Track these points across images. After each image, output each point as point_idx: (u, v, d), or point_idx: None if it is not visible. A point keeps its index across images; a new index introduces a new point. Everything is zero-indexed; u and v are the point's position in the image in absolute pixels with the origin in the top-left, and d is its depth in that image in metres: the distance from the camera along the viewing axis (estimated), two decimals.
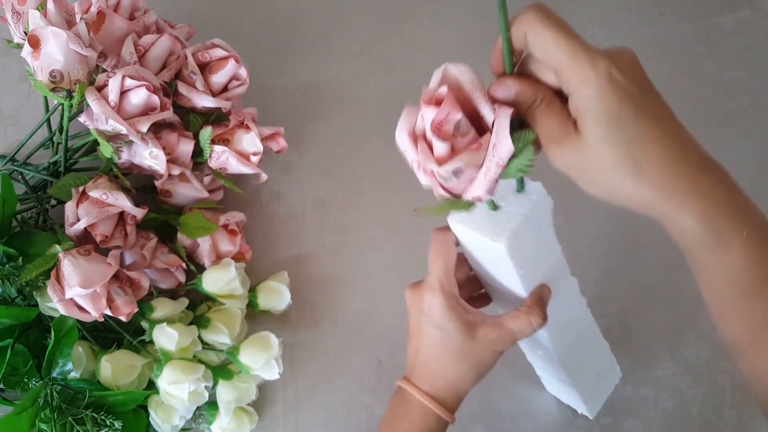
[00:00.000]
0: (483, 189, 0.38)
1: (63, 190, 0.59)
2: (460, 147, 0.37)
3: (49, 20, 0.54)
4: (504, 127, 0.36)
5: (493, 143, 0.37)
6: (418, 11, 0.81)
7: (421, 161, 0.38)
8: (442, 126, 0.37)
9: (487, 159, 0.37)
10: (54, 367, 0.56)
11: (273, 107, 0.75)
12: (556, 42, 0.35)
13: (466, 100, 0.38)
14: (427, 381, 0.46)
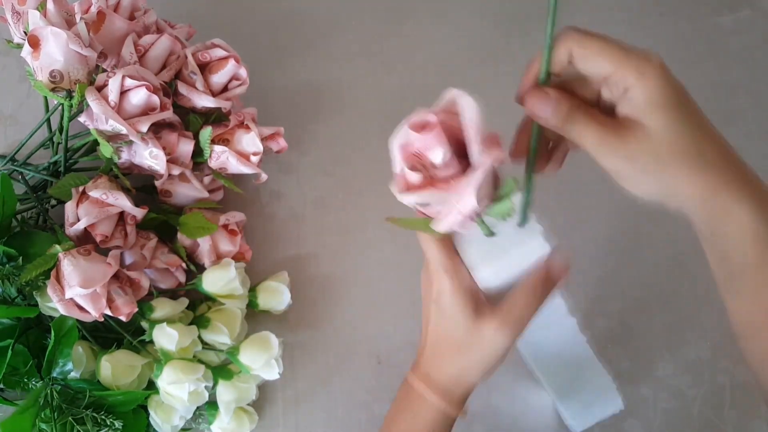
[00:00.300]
0: (445, 227, 0.38)
1: (63, 190, 0.59)
2: (437, 178, 0.37)
3: (49, 20, 0.54)
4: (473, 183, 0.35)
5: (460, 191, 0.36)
6: (418, 11, 0.81)
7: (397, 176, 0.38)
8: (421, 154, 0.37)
9: (451, 203, 0.36)
10: (54, 367, 0.56)
11: (273, 107, 0.75)
12: (604, 48, 0.36)
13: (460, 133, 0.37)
14: (431, 373, 0.45)
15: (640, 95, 0.35)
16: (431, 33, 0.80)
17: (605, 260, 0.68)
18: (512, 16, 0.80)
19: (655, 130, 0.35)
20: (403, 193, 0.37)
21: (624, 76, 0.35)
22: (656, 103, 0.35)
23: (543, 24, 0.39)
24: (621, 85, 0.36)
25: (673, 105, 0.35)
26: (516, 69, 0.77)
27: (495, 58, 0.78)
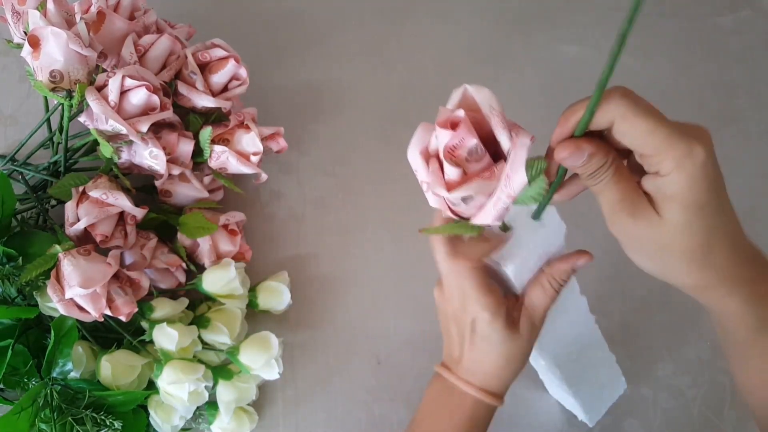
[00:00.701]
0: (492, 217, 0.38)
1: (63, 190, 0.59)
2: (473, 172, 0.37)
3: (49, 20, 0.54)
4: (520, 159, 0.36)
5: (506, 173, 0.36)
6: (418, 11, 0.81)
7: (431, 184, 0.37)
8: (456, 150, 0.36)
9: (499, 189, 0.37)
10: (54, 367, 0.56)
11: (273, 107, 0.75)
12: (650, 130, 0.35)
13: (482, 124, 0.37)
14: (478, 378, 0.46)
15: (669, 185, 0.35)
16: (431, 33, 0.80)
17: (605, 260, 0.68)
18: (513, 16, 0.80)
19: (669, 223, 0.36)
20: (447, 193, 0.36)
21: (660, 161, 0.35)
22: (682, 199, 0.35)
23: (543, 24, 0.39)
24: (655, 167, 0.36)
25: (697, 206, 0.35)
26: (516, 69, 0.78)
27: (495, 58, 0.78)
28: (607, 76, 0.35)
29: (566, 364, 0.53)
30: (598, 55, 0.78)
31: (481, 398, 0.46)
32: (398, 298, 0.68)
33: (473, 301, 0.44)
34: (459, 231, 0.41)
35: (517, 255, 0.43)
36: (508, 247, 0.43)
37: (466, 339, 0.46)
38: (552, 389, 0.62)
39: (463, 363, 0.47)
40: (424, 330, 0.67)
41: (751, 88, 0.77)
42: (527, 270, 0.45)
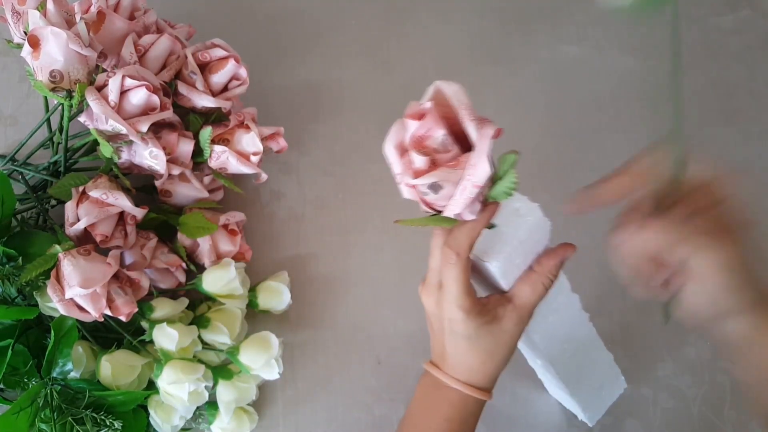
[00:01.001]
0: (460, 207, 0.39)
1: (63, 190, 0.59)
2: (441, 163, 0.38)
3: (49, 20, 0.54)
4: (483, 148, 0.37)
5: (471, 163, 0.37)
6: (418, 11, 0.81)
7: (401, 174, 0.39)
8: (423, 141, 0.38)
9: (464, 178, 0.38)
10: (54, 367, 0.56)
11: (273, 107, 0.75)
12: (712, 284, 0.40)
13: (455, 120, 0.38)
14: (463, 373, 0.47)
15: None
16: (431, 33, 0.80)
17: (605, 260, 0.68)
18: (513, 16, 0.80)
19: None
20: (414, 179, 0.37)
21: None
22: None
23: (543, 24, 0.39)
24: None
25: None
26: (516, 69, 0.78)
27: (495, 58, 0.78)
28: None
29: (562, 363, 0.53)
30: (598, 55, 0.78)
31: (468, 393, 0.46)
32: (398, 298, 0.68)
33: (450, 298, 0.44)
34: (434, 223, 0.42)
35: (501, 251, 0.43)
36: (491, 243, 0.44)
37: (445, 336, 0.46)
38: (551, 389, 0.62)
39: (446, 359, 0.47)
40: (424, 330, 0.67)
41: (751, 88, 0.77)
42: (513, 266, 0.45)
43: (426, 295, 0.47)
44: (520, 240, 0.43)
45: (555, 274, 0.46)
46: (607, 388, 0.61)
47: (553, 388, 0.61)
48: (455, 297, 0.44)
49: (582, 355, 0.56)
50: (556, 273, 0.46)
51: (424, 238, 0.70)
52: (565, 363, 0.54)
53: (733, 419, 0.63)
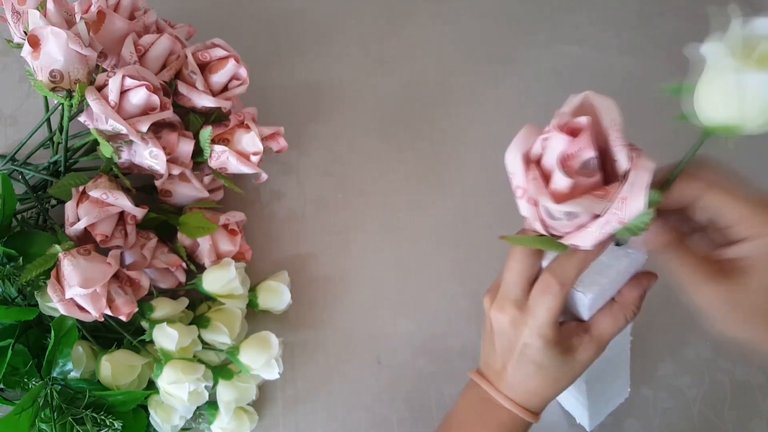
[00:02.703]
0: (592, 241, 0.35)
1: (63, 189, 0.59)
2: (583, 187, 0.34)
3: (49, 20, 0.54)
4: (642, 183, 0.33)
5: (622, 196, 0.33)
6: (417, 11, 0.81)
7: (531, 191, 0.34)
8: (570, 160, 0.33)
9: (610, 211, 0.34)
10: (54, 367, 0.56)
11: (273, 107, 0.75)
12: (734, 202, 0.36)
13: (599, 138, 0.34)
14: (520, 395, 0.45)
15: (756, 250, 0.36)
16: (431, 33, 0.80)
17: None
18: (512, 16, 0.80)
19: (759, 286, 0.37)
20: (554, 204, 0.33)
21: (746, 228, 0.36)
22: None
23: (543, 24, 0.38)
24: (738, 235, 0.37)
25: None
26: (516, 69, 0.78)
27: (495, 58, 0.78)
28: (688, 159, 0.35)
29: (592, 382, 0.53)
30: (598, 55, 0.78)
31: (521, 415, 0.45)
32: (398, 298, 0.68)
33: (535, 325, 0.42)
34: (544, 246, 0.38)
35: (597, 283, 0.41)
36: (588, 273, 0.41)
37: (513, 357, 0.44)
38: None
39: (505, 378, 0.45)
40: (424, 330, 0.67)
41: None
42: (602, 299, 0.43)
43: (498, 311, 0.44)
44: (618, 272, 0.41)
45: (638, 306, 0.44)
46: (615, 398, 0.61)
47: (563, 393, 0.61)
48: (541, 326, 0.42)
49: (611, 373, 0.55)
50: (639, 305, 0.44)
51: (424, 237, 0.71)
52: (595, 382, 0.53)
53: (733, 419, 0.63)
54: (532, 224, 0.37)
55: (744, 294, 0.37)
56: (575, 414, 0.62)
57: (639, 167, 0.33)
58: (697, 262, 0.38)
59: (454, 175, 0.73)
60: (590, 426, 0.61)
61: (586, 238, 0.35)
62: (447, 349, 0.66)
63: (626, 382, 0.60)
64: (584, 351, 0.43)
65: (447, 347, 0.66)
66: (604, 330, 0.44)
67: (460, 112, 0.76)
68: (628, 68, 0.77)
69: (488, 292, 0.46)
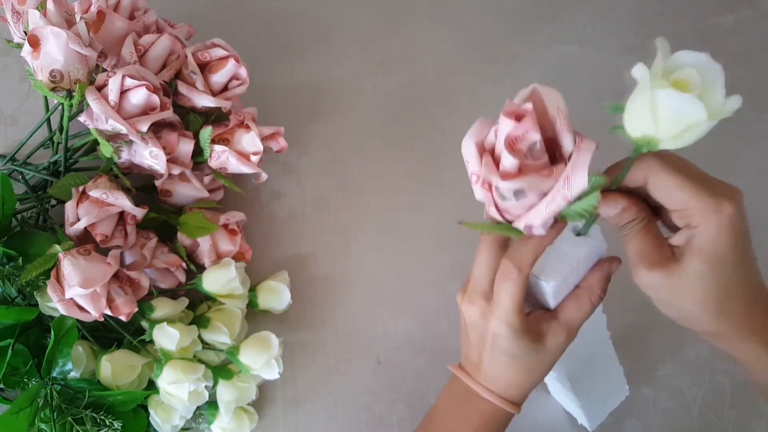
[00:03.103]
0: (540, 219, 0.37)
1: (63, 189, 0.59)
2: (529, 169, 0.36)
3: (49, 20, 0.54)
4: (584, 161, 0.35)
5: (566, 175, 0.36)
6: (418, 11, 0.81)
7: (483, 173, 0.37)
8: (517, 142, 0.36)
9: (555, 189, 0.36)
10: (54, 366, 0.56)
11: (273, 107, 0.75)
12: (680, 185, 0.37)
13: (546, 126, 0.37)
14: (498, 386, 0.46)
15: (695, 237, 0.37)
16: (431, 33, 0.80)
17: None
18: (512, 16, 0.80)
19: (687, 274, 0.38)
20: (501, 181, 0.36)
21: (691, 215, 0.37)
22: (703, 251, 0.37)
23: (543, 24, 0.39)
24: (685, 220, 0.38)
25: (717, 259, 0.37)
26: (516, 69, 0.78)
27: (495, 58, 0.78)
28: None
29: (578, 378, 0.53)
30: (598, 55, 0.78)
31: (501, 406, 0.45)
32: (398, 298, 0.68)
33: (500, 313, 0.42)
34: (500, 231, 0.39)
35: (559, 270, 0.42)
36: (547, 261, 0.42)
37: (486, 349, 0.45)
38: (555, 393, 0.62)
39: (482, 370, 0.46)
40: (424, 330, 0.67)
41: (751, 88, 0.77)
42: (566, 287, 0.44)
43: (468, 303, 0.45)
44: (579, 260, 0.42)
45: (603, 290, 0.44)
46: (612, 397, 0.61)
47: (558, 393, 0.61)
48: (506, 313, 0.42)
49: (598, 371, 0.55)
50: (604, 289, 0.44)
51: (424, 237, 0.71)
52: (581, 380, 0.53)
53: (733, 419, 0.63)
54: (488, 210, 0.39)
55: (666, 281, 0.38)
56: (575, 414, 0.62)
57: (581, 148, 0.36)
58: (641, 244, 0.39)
59: (454, 175, 0.73)
60: (591, 426, 0.61)
61: (535, 216, 0.37)
62: (447, 349, 0.66)
63: (621, 380, 0.60)
64: (553, 337, 0.44)
65: (447, 347, 0.66)
66: (570, 316, 0.44)
67: (460, 112, 0.76)
68: (628, 68, 0.77)
69: (461, 288, 0.47)
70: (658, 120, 0.34)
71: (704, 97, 0.33)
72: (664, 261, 0.38)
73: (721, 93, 0.34)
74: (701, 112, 0.32)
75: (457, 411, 0.48)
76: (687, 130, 0.33)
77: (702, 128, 0.33)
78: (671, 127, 0.34)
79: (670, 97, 0.33)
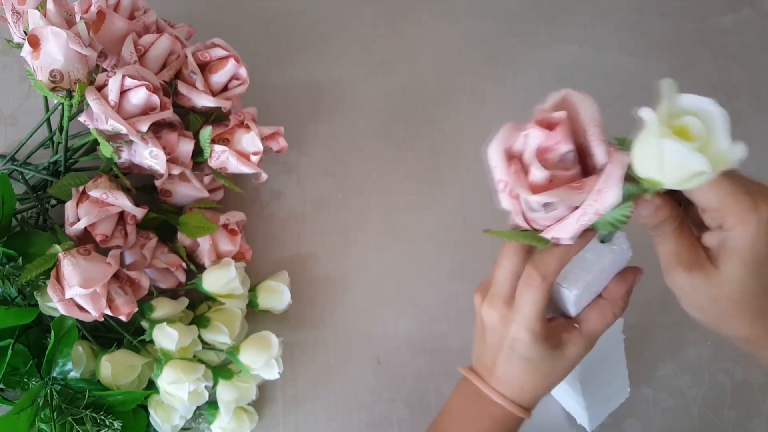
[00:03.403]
0: (570, 232, 0.36)
1: (63, 189, 0.59)
2: (558, 180, 0.35)
3: (49, 20, 0.54)
4: (616, 175, 0.34)
5: (598, 188, 0.35)
6: (417, 11, 0.81)
7: (511, 183, 0.36)
8: (547, 153, 0.35)
9: (587, 202, 0.35)
10: (54, 366, 0.56)
11: (273, 107, 0.75)
12: (717, 183, 0.35)
13: (577, 134, 0.36)
14: (511, 390, 0.45)
15: (731, 239, 0.36)
16: (431, 33, 0.80)
17: None
18: (513, 16, 0.80)
19: (725, 277, 0.37)
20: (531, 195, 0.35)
21: (725, 216, 0.36)
22: (741, 254, 0.36)
23: (543, 24, 0.39)
24: (719, 221, 0.36)
25: (756, 261, 0.36)
26: (516, 69, 0.78)
27: (495, 58, 0.78)
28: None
29: (588, 380, 0.53)
30: (598, 55, 0.78)
31: (512, 410, 0.45)
32: (398, 298, 0.68)
33: (522, 319, 0.42)
34: (526, 240, 0.39)
35: (581, 279, 0.42)
36: (571, 268, 0.41)
37: (502, 352, 0.44)
38: (557, 392, 0.62)
39: (496, 373, 0.45)
40: (424, 330, 0.67)
41: (751, 88, 0.77)
42: (588, 295, 0.43)
43: (489, 307, 0.44)
44: (603, 268, 0.42)
45: (626, 301, 0.44)
46: (614, 398, 0.61)
47: (561, 393, 0.61)
48: (527, 319, 0.42)
49: (607, 372, 0.55)
50: (626, 300, 0.44)
51: (424, 237, 0.71)
52: (591, 381, 0.53)
53: (733, 419, 0.63)
54: (515, 219, 0.38)
55: (701, 285, 0.38)
56: (575, 415, 0.62)
57: (614, 161, 0.35)
58: (676, 245, 0.38)
59: (454, 175, 0.73)
60: (591, 427, 0.61)
61: (564, 230, 0.36)
62: (447, 349, 0.66)
63: (625, 382, 0.60)
64: (573, 346, 0.44)
65: (447, 347, 0.66)
66: (592, 326, 0.44)
67: (460, 112, 0.76)
68: (628, 68, 0.77)
69: (478, 289, 0.46)
70: (663, 167, 0.34)
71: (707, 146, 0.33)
72: (701, 263, 0.37)
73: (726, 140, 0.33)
74: (704, 164, 0.32)
75: (467, 414, 0.47)
76: (692, 178, 0.33)
77: (707, 176, 0.33)
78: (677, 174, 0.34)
79: (674, 148, 0.33)
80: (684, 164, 0.33)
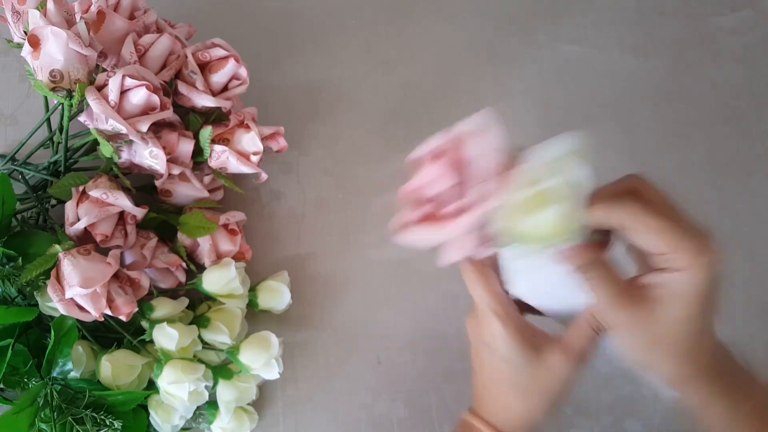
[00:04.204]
0: (449, 260, 0.39)
1: (63, 189, 0.59)
2: (440, 213, 0.39)
3: (49, 20, 0.54)
4: (465, 222, 0.40)
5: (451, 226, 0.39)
6: (418, 11, 0.81)
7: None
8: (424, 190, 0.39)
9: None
10: (54, 366, 0.56)
11: (273, 107, 0.75)
12: (661, 229, 0.35)
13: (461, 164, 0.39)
14: (496, 416, 0.44)
15: (675, 282, 0.36)
16: (431, 33, 0.80)
17: None
18: (513, 15, 0.80)
19: (668, 318, 0.37)
20: (399, 234, 0.37)
21: (670, 260, 0.36)
22: (686, 297, 0.36)
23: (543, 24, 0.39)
24: (665, 264, 0.36)
25: (699, 304, 0.36)
26: (516, 69, 0.78)
27: (495, 58, 0.78)
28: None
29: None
30: (598, 55, 0.78)
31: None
32: (398, 298, 0.68)
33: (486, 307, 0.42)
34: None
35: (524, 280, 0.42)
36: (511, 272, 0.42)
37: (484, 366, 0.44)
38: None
39: (485, 398, 0.45)
40: (424, 330, 0.67)
41: (751, 88, 0.77)
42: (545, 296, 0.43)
43: (469, 325, 0.46)
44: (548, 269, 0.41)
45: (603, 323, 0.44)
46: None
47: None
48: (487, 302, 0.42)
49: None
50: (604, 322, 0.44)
51: None
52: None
53: None
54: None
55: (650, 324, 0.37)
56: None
57: (478, 202, 0.38)
58: (613, 285, 0.38)
59: None
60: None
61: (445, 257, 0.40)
62: (447, 349, 0.66)
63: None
64: (551, 354, 0.42)
65: (447, 347, 0.66)
66: (570, 338, 0.42)
67: (461, 111, 0.76)
68: (628, 68, 0.77)
69: (470, 317, 0.47)
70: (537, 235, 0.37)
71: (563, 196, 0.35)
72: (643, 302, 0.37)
73: (580, 173, 0.36)
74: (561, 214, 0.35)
75: None
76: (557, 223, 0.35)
77: (566, 208, 0.35)
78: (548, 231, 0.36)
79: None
80: (546, 228, 0.35)
